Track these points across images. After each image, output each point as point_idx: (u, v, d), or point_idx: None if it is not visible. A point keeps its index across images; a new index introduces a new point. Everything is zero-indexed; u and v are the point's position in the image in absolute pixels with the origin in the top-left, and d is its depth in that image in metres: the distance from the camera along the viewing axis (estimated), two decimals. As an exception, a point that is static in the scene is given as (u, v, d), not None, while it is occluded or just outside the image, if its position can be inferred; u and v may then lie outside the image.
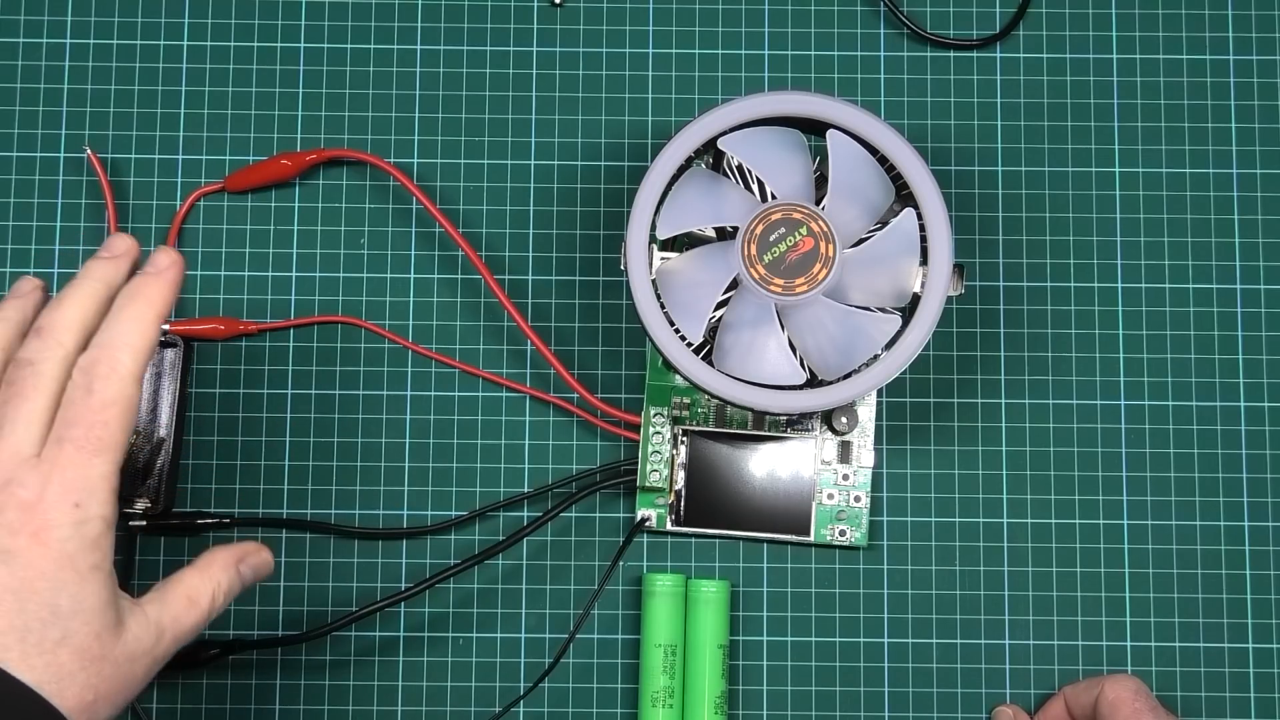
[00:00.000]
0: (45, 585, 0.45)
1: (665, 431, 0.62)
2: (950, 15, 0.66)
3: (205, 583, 0.50)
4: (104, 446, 0.46)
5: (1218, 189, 0.65)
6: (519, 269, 0.64)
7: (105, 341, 0.47)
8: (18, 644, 0.44)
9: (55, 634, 0.45)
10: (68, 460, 0.46)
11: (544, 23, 0.66)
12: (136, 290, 0.48)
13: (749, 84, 0.65)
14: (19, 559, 0.45)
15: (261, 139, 0.65)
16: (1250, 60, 0.65)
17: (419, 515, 0.63)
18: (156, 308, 0.48)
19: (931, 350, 0.64)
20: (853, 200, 0.55)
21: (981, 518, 0.63)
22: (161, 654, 0.48)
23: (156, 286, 0.49)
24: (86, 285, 0.49)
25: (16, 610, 0.45)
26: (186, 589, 0.50)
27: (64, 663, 0.45)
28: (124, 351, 0.47)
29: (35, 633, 0.45)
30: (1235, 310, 0.64)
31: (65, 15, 0.66)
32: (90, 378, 0.46)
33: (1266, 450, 0.63)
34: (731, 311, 0.56)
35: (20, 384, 0.47)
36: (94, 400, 0.46)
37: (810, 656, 0.62)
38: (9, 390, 0.47)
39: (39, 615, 0.45)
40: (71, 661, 0.45)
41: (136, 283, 0.49)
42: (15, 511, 0.45)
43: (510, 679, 0.62)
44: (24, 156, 0.65)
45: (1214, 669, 0.62)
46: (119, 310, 0.48)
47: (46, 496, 0.45)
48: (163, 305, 0.48)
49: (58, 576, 0.45)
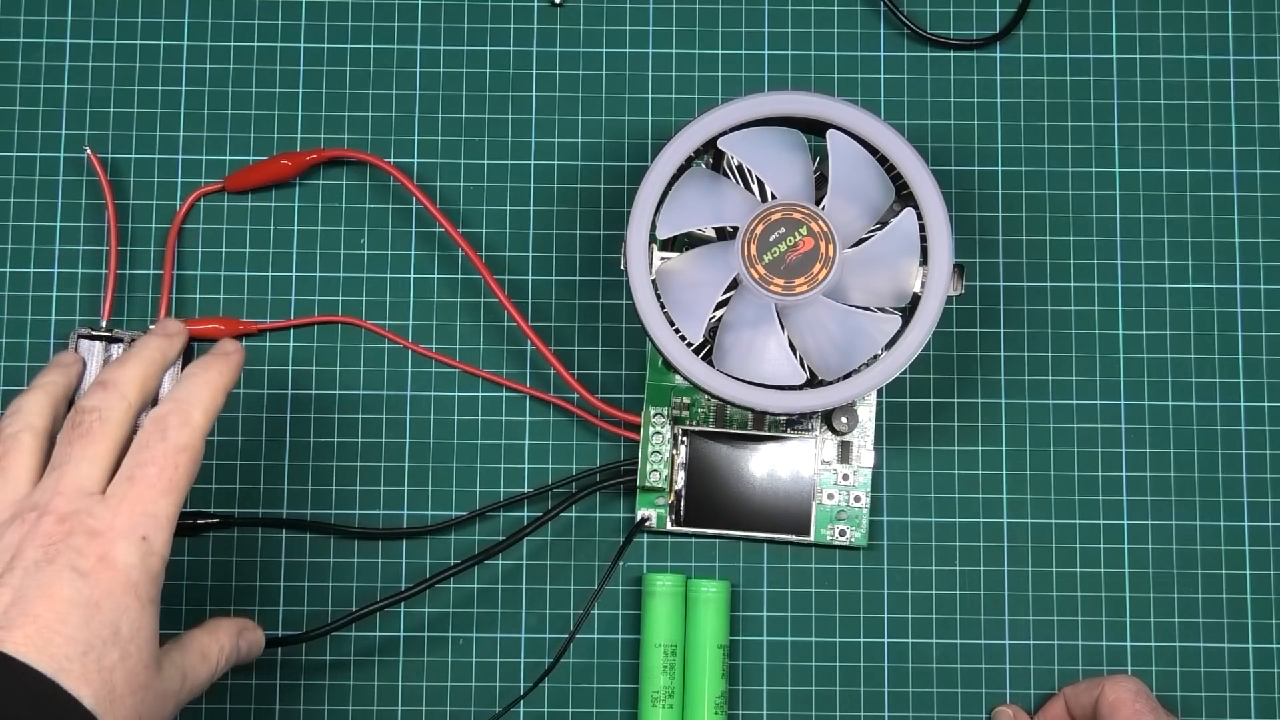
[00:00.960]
0: (110, 606, 0.47)
1: (665, 431, 0.62)
2: (950, 15, 0.66)
3: (214, 643, 0.53)
4: (173, 488, 0.49)
5: (1218, 189, 0.65)
6: (519, 269, 0.64)
7: (179, 397, 0.51)
8: (79, 658, 0.45)
9: (114, 655, 0.46)
10: (139, 495, 0.48)
11: (544, 23, 0.66)
12: (209, 364, 0.52)
13: (749, 84, 0.65)
14: (88, 578, 0.47)
15: (261, 139, 0.65)
16: (1250, 60, 0.65)
17: (419, 515, 0.63)
18: (226, 379, 0.52)
19: (931, 350, 0.64)
20: (853, 200, 0.55)
21: (981, 518, 0.63)
22: (184, 699, 0.50)
23: (227, 364, 0.53)
24: (146, 353, 0.53)
25: (82, 624, 0.46)
26: (199, 646, 0.52)
27: (116, 684, 0.46)
28: (196, 408, 0.50)
29: (96, 650, 0.46)
30: (1235, 310, 0.64)
31: (65, 15, 0.66)
32: (165, 426, 0.50)
33: (1266, 450, 0.63)
34: (731, 311, 0.56)
35: (86, 428, 0.49)
36: (168, 445, 0.49)
37: (810, 656, 0.62)
38: (74, 433, 0.49)
39: (101, 634, 0.46)
40: (123, 685, 0.46)
41: (209, 359, 0.53)
42: (84, 537, 0.47)
43: (510, 679, 0.62)
44: (24, 156, 0.65)
45: (1214, 669, 0.62)
46: (192, 375, 0.52)
47: (116, 525, 0.48)
48: (230, 381, 0.52)
49: (122, 600, 0.47)
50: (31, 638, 0.45)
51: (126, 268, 0.64)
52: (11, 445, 0.50)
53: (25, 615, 0.45)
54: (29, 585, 0.46)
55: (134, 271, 0.64)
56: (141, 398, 0.51)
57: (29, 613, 0.45)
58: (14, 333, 0.64)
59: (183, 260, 0.64)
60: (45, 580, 0.46)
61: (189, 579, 0.62)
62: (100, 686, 0.45)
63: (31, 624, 0.45)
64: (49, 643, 0.45)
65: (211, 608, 0.62)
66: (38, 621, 0.45)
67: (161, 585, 0.49)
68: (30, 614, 0.45)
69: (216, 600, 0.62)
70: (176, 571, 0.62)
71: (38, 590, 0.46)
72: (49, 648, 0.45)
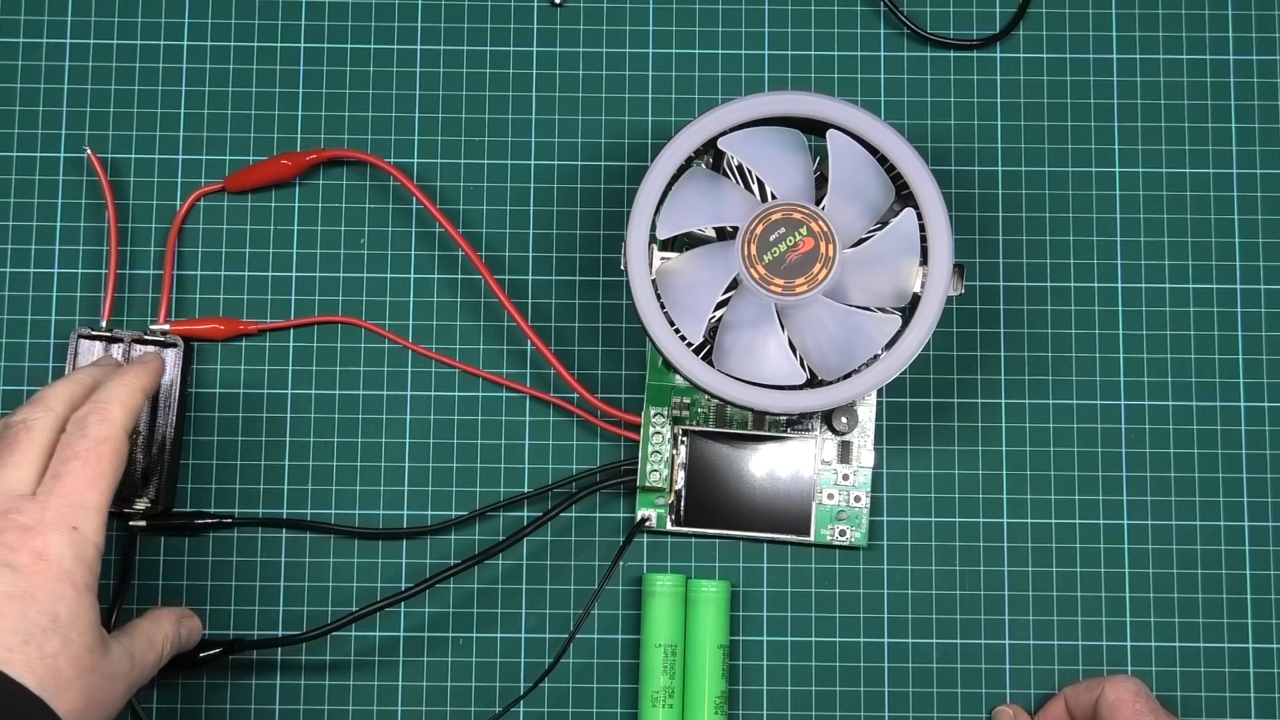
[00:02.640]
0: (46, 596, 0.48)
1: (665, 431, 0.62)
2: (950, 15, 0.66)
3: (158, 630, 0.55)
4: (99, 477, 0.51)
5: (1218, 189, 0.65)
6: (519, 269, 0.64)
7: (97, 398, 0.53)
8: (20, 647, 0.47)
9: (55, 642, 0.48)
10: (65, 489, 0.50)
11: (544, 23, 0.66)
12: (128, 369, 0.56)
13: (749, 84, 0.65)
14: (21, 572, 0.48)
15: (261, 139, 0.65)
16: (1250, 60, 0.65)
17: (419, 515, 0.63)
18: (144, 380, 0.55)
19: (931, 350, 0.64)
20: (853, 200, 0.55)
21: (981, 518, 0.63)
22: (134, 682, 0.53)
23: (145, 368, 0.56)
24: (78, 375, 0.55)
25: (19, 615, 0.48)
26: (145, 633, 0.55)
27: (61, 669, 0.48)
28: (114, 405, 0.53)
29: (37, 639, 0.47)
30: (1235, 310, 0.64)
31: (65, 15, 0.66)
32: (84, 425, 0.52)
33: (1266, 450, 0.63)
34: (731, 311, 0.56)
35: (12, 437, 0.52)
36: (89, 439, 0.52)
37: (810, 656, 0.62)
38: (1, 444, 0.52)
39: (40, 623, 0.48)
40: (68, 669, 0.48)
41: (129, 366, 0.57)
42: (15, 533, 0.49)
43: (510, 679, 0.62)
44: (24, 156, 0.65)
45: (1214, 669, 0.62)
46: (110, 380, 0.55)
47: (45, 519, 0.50)
48: (148, 384, 0.55)
49: (58, 589, 0.49)
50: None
51: (126, 268, 0.64)
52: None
53: None
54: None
55: (134, 271, 0.64)
56: (67, 411, 0.53)
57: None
58: (14, 333, 0.64)
59: (183, 260, 0.64)
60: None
61: (189, 579, 0.62)
62: (44, 673, 0.47)
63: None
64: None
65: (212, 608, 0.62)
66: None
67: (98, 572, 0.51)
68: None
69: (217, 600, 0.62)
70: (177, 572, 0.62)
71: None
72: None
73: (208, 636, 0.61)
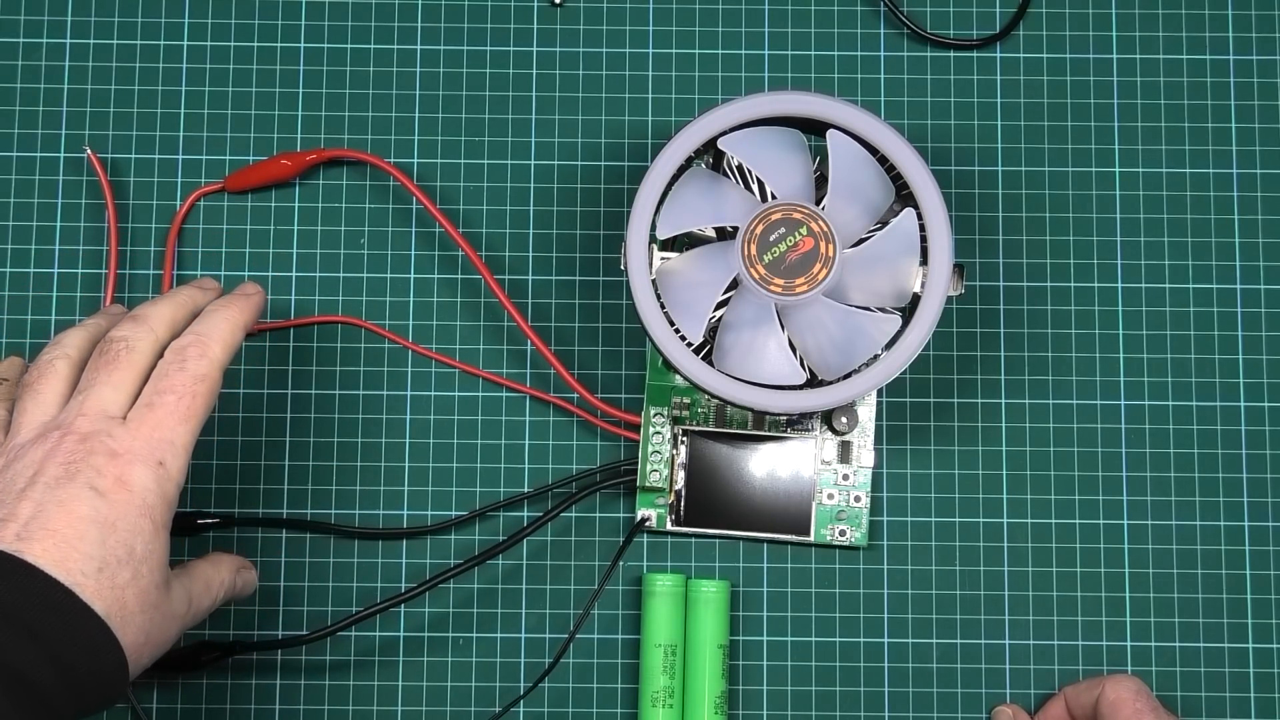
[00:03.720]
0: (125, 527, 0.48)
1: (665, 431, 0.62)
2: (950, 15, 0.66)
3: (216, 574, 0.55)
4: (190, 415, 0.51)
5: (1218, 189, 0.65)
6: (519, 269, 0.64)
7: (199, 330, 0.53)
8: (94, 574, 0.47)
9: (126, 574, 0.48)
10: (157, 421, 0.50)
11: (544, 23, 0.66)
12: (229, 301, 0.55)
13: (749, 84, 0.65)
14: (105, 498, 0.48)
15: (261, 139, 0.65)
16: (1250, 60, 0.65)
17: (419, 515, 0.63)
18: (246, 316, 0.54)
19: (931, 350, 0.64)
20: (853, 200, 0.55)
21: (981, 518, 0.63)
22: (188, 623, 0.53)
23: (247, 303, 0.55)
24: (179, 296, 0.55)
25: (98, 541, 0.48)
26: (204, 576, 0.54)
27: (128, 601, 0.48)
28: (215, 341, 0.52)
29: (111, 567, 0.48)
30: (1235, 310, 0.64)
31: (65, 15, 0.66)
32: (184, 358, 0.52)
33: (1266, 450, 0.63)
34: (731, 311, 0.56)
35: (112, 355, 0.52)
36: (187, 375, 0.51)
37: (810, 656, 0.62)
38: (101, 360, 0.52)
39: (116, 553, 0.48)
40: (134, 602, 0.48)
41: (229, 297, 0.55)
42: (104, 457, 0.49)
43: (510, 679, 0.62)
44: (24, 156, 0.65)
45: (1214, 669, 0.62)
46: (212, 311, 0.54)
47: (134, 449, 0.50)
48: (249, 319, 0.55)
49: (137, 522, 0.49)
50: (50, 550, 0.47)
51: (126, 268, 0.64)
52: (46, 370, 0.52)
53: (45, 529, 0.47)
54: (49, 500, 0.48)
55: (134, 271, 0.64)
56: (169, 333, 0.53)
57: (48, 527, 0.47)
58: (14, 333, 0.64)
59: (183, 260, 0.64)
60: (65, 496, 0.48)
61: (189, 579, 0.62)
62: (113, 602, 0.47)
63: (50, 538, 0.47)
64: (66, 557, 0.47)
65: (211, 608, 0.62)
66: (56, 536, 0.47)
67: (174, 511, 0.51)
68: (49, 528, 0.47)
69: (216, 600, 0.62)
70: (176, 571, 0.62)
71: (57, 506, 0.48)
72: (66, 561, 0.47)
73: (208, 638, 0.61)
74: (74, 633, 0.46)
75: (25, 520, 0.47)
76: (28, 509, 0.48)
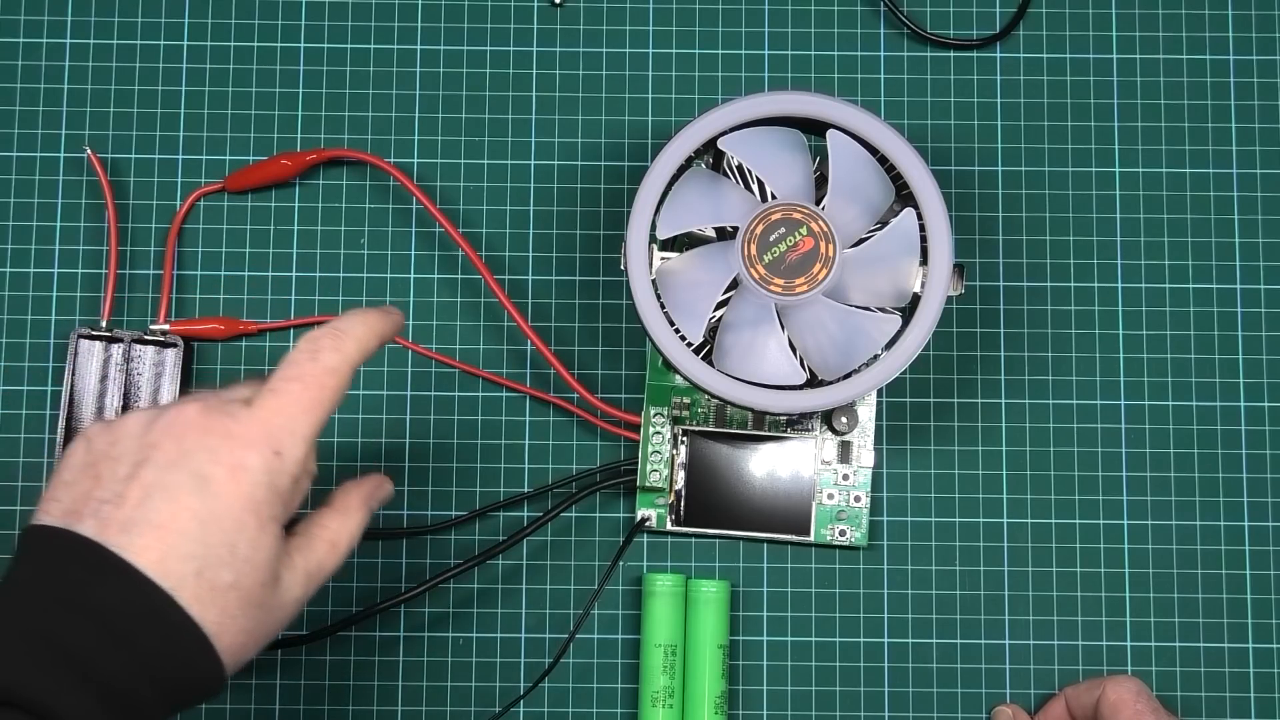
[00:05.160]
0: (229, 524, 0.46)
1: (665, 431, 0.62)
2: (950, 15, 0.66)
3: (345, 524, 0.51)
4: (316, 405, 0.48)
5: (1218, 189, 0.65)
6: (519, 269, 0.64)
7: (338, 324, 0.50)
8: (194, 577, 0.45)
9: (228, 576, 0.46)
10: (280, 406, 0.48)
11: (544, 23, 0.66)
12: (372, 309, 0.52)
13: (749, 84, 0.65)
14: (212, 489, 0.46)
15: (261, 139, 0.65)
16: (1250, 60, 0.65)
17: (419, 515, 0.63)
18: (385, 327, 0.51)
19: (931, 350, 0.64)
20: (853, 200, 0.55)
21: (981, 518, 0.63)
22: (304, 599, 0.49)
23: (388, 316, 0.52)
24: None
25: (199, 540, 0.45)
26: (329, 534, 0.50)
27: (229, 604, 0.46)
28: (351, 339, 0.50)
29: (211, 570, 0.46)
30: (1235, 310, 0.64)
31: (65, 15, 0.66)
32: (317, 348, 0.49)
33: (1266, 450, 0.63)
34: (731, 311, 0.56)
35: None
36: (318, 365, 0.48)
37: (810, 656, 0.62)
38: None
39: (218, 553, 0.46)
40: (235, 605, 0.46)
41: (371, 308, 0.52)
42: (221, 438, 0.47)
43: (510, 679, 0.62)
44: (24, 156, 0.65)
45: (1214, 669, 0.62)
46: (354, 313, 0.51)
47: (251, 433, 0.47)
48: (387, 331, 0.51)
49: (241, 518, 0.46)
50: (152, 548, 0.45)
51: (126, 268, 0.64)
52: None
53: (149, 522, 0.45)
54: (158, 485, 0.46)
55: (134, 271, 0.64)
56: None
57: (152, 520, 0.45)
58: (14, 333, 0.64)
59: (183, 260, 0.64)
60: (173, 482, 0.46)
61: (189, 579, 0.62)
62: (211, 606, 0.45)
63: (153, 533, 0.45)
64: (166, 557, 0.45)
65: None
66: (159, 531, 0.45)
67: (292, 506, 0.48)
68: (153, 522, 0.45)
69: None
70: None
71: (163, 493, 0.46)
72: (166, 562, 0.45)
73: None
74: (171, 645, 0.45)
75: (132, 507, 0.45)
76: (136, 493, 0.46)
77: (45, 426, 0.63)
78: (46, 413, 0.63)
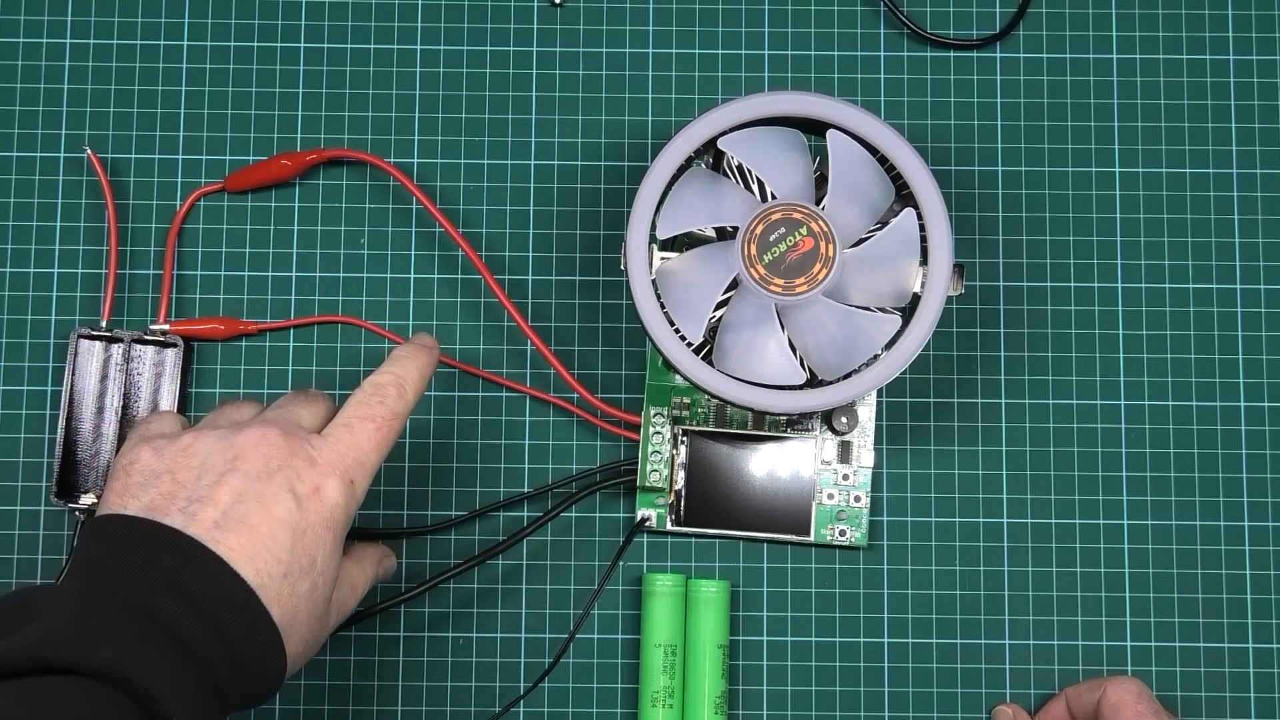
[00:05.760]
0: (313, 537, 0.49)
1: (665, 431, 0.62)
2: (950, 15, 0.66)
3: (361, 572, 0.55)
4: (383, 444, 0.52)
5: (1218, 189, 0.65)
6: (519, 269, 0.64)
7: (398, 372, 0.54)
8: (279, 579, 0.48)
9: (305, 584, 0.49)
10: (356, 441, 0.51)
11: (544, 23, 0.66)
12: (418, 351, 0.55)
13: (749, 84, 0.65)
14: (301, 503, 0.49)
15: (261, 139, 0.65)
16: (1250, 60, 0.65)
17: (419, 515, 0.63)
18: (432, 368, 0.55)
19: (931, 350, 0.64)
20: (853, 200, 0.55)
21: (981, 518, 0.63)
22: (333, 628, 0.53)
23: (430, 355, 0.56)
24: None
25: (288, 547, 0.48)
26: (349, 577, 0.54)
27: (300, 611, 0.49)
28: (410, 386, 0.54)
29: (294, 575, 0.48)
30: (1235, 310, 0.64)
31: (65, 15, 0.66)
32: (384, 395, 0.53)
33: (1266, 450, 0.63)
34: (731, 311, 0.56)
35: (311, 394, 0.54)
36: (386, 409, 0.52)
37: (810, 656, 0.62)
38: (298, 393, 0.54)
39: (301, 562, 0.48)
40: (304, 613, 0.49)
41: (415, 347, 0.56)
42: (304, 462, 0.50)
43: (510, 679, 0.62)
44: (24, 156, 0.65)
45: (1214, 669, 0.62)
46: (405, 358, 0.55)
47: (331, 461, 0.50)
48: (431, 371, 0.55)
49: (322, 534, 0.49)
50: (244, 546, 0.47)
51: (126, 268, 0.64)
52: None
53: (242, 524, 0.47)
54: (249, 493, 0.48)
55: (134, 271, 0.64)
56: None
57: (246, 521, 0.48)
58: (14, 333, 0.64)
59: (183, 260, 0.64)
60: (265, 493, 0.48)
61: (189, 579, 0.62)
62: (288, 610, 0.48)
63: (247, 533, 0.47)
64: (257, 556, 0.47)
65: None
66: (252, 532, 0.47)
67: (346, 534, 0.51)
68: (247, 523, 0.48)
69: (216, 600, 0.62)
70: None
71: (256, 501, 0.48)
72: (256, 561, 0.47)
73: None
74: (253, 635, 0.47)
75: (225, 508, 0.48)
76: (226, 497, 0.48)
77: (45, 426, 0.63)
78: (46, 413, 0.63)
